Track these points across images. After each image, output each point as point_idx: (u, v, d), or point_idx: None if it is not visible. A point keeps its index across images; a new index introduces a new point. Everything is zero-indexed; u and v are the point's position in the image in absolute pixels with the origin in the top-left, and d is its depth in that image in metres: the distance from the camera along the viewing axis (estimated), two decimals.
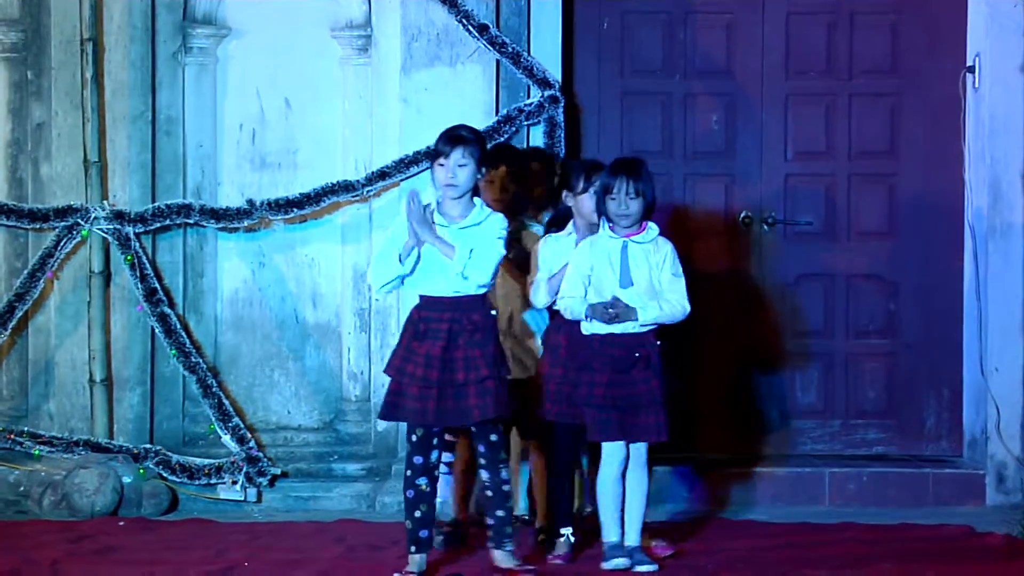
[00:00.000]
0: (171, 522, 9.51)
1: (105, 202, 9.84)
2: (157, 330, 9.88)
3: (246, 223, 9.97)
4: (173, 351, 9.89)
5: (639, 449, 8.13)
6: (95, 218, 9.81)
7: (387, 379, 8.07)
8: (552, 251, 8.43)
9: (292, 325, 10.17)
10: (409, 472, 7.98)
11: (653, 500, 9.07)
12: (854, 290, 10.35)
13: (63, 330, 9.99)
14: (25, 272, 9.87)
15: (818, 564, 8.28)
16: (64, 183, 9.89)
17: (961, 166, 10.30)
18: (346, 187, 9.91)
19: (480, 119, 9.77)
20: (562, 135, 9.99)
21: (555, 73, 10.05)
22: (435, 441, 7.96)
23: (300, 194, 9.95)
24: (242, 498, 9.80)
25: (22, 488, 9.82)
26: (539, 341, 8.67)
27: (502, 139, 9.79)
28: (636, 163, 8.17)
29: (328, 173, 9.97)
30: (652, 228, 8.13)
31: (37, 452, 9.82)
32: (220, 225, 10.00)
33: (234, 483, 9.78)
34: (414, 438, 7.98)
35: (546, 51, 10.11)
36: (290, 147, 10.17)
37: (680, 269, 8.11)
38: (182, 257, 10.08)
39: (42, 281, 9.86)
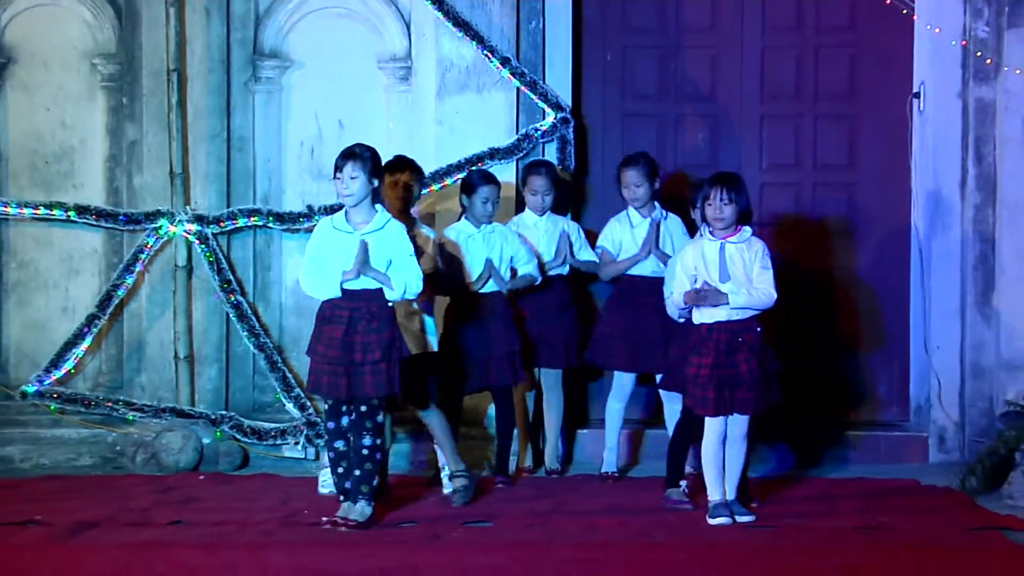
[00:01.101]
0: (243, 476, 9.57)
1: (188, 207, 9.91)
2: (231, 315, 9.96)
3: (306, 224, 9.97)
4: (245, 333, 9.98)
5: (739, 421, 8.12)
6: (179, 221, 9.89)
7: None
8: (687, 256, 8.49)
9: None
10: (327, 436, 8.16)
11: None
12: (818, 281, 10.36)
13: (152, 315, 10.04)
14: (121, 266, 9.94)
15: (794, 514, 8.35)
16: (153, 191, 9.95)
17: (908, 177, 10.28)
18: None
19: (503, 137, 9.88)
20: (572, 150, 10.02)
21: (566, 98, 10.07)
22: (344, 409, 8.05)
23: None
24: (303, 456, 9.84)
25: (118, 448, 9.89)
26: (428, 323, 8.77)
27: (522, 154, 9.86)
28: (731, 176, 8.19)
29: None
30: (746, 230, 8.12)
31: (131, 417, 9.90)
32: (284, 227, 10.06)
33: (296, 443, 9.83)
34: (325, 407, 8.10)
35: (558, 80, 10.12)
36: None
37: (769, 263, 8.08)
38: (252, 254, 10.13)
39: (135, 274, 9.94)
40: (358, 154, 7.97)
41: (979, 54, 9.78)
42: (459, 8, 9.84)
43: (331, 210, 9.88)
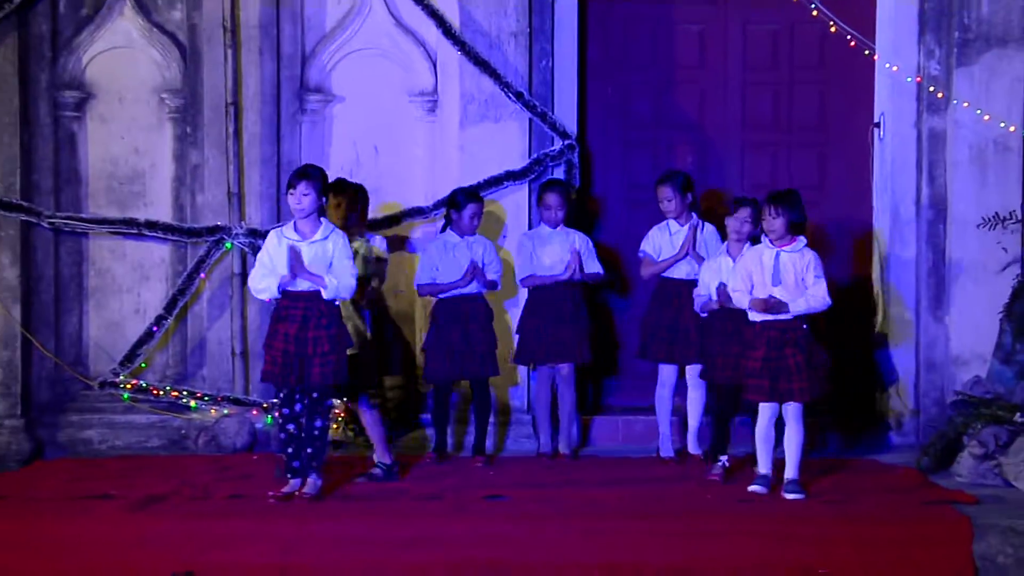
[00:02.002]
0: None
1: (243, 222, 9.90)
2: None
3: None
4: None
5: (793, 408, 8.17)
6: (236, 234, 9.90)
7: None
8: (709, 269, 8.85)
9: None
10: (280, 420, 8.20)
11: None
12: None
13: (212, 316, 10.03)
14: (185, 274, 9.93)
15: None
16: (213, 208, 9.92)
17: (870, 196, 10.28)
18: (418, 211, 9.95)
19: (517, 161, 9.87)
20: (577, 172, 10.00)
21: (572, 127, 10.07)
22: (296, 397, 8.12)
23: (384, 216, 9.97)
24: (343, 439, 9.81)
25: (183, 431, 9.91)
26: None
27: (533, 176, 9.86)
28: (781, 192, 8.29)
29: (405, 201, 10.00)
30: (800, 241, 8.18)
31: (194, 405, 9.90)
32: None
33: (337, 428, 9.73)
34: (281, 395, 8.15)
35: (566, 111, 10.11)
36: (378, 183, 10.04)
37: (822, 273, 8.17)
38: None
39: (197, 280, 9.95)
40: (311, 174, 8.11)
41: (932, 89, 9.79)
42: (479, 49, 9.84)
43: (369, 224, 9.97)
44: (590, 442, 10.01)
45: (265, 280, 8.09)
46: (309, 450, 8.17)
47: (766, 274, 8.16)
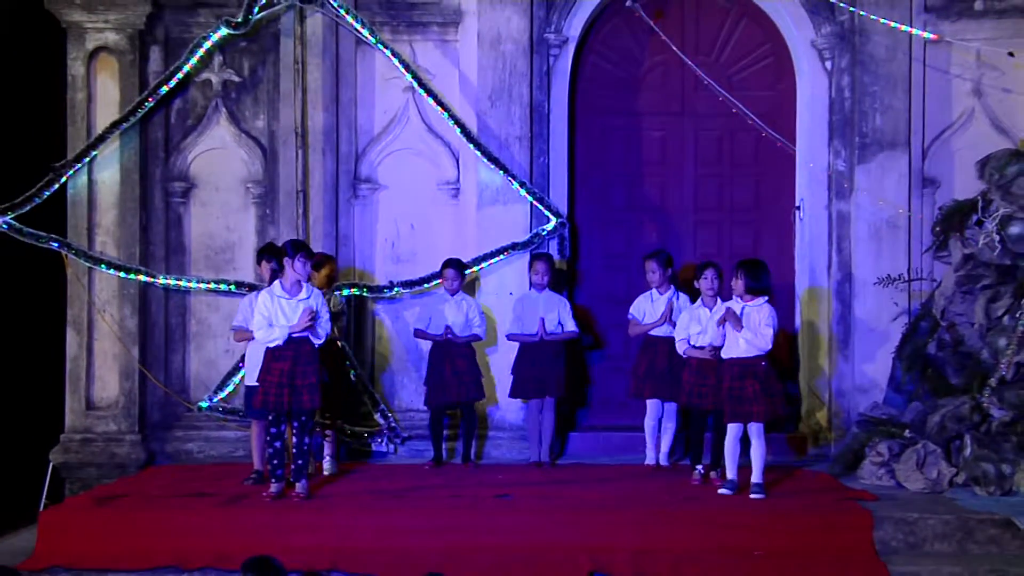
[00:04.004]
0: (345, 463, 9.52)
1: (309, 283, 9.83)
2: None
3: (388, 294, 9.99)
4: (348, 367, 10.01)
5: (754, 427, 8.16)
6: None
7: None
8: (688, 314, 8.81)
9: (414, 351, 10.12)
10: (268, 438, 8.18)
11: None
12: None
13: None
14: None
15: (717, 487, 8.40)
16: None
17: (793, 262, 10.30)
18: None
19: (520, 235, 9.88)
20: (567, 245, 10.04)
21: (564, 209, 10.07)
22: (282, 418, 8.15)
23: (419, 278, 9.98)
24: (386, 451, 9.87)
25: None
26: None
27: (534, 247, 9.81)
28: (746, 260, 8.41)
29: (435, 266, 9.88)
30: (762, 299, 8.22)
31: None
32: (373, 295, 10.04)
33: (381, 442, 9.82)
34: (270, 418, 8.16)
35: (559, 196, 10.12)
36: (414, 252, 10.18)
37: (771, 323, 8.17)
38: (351, 313, 10.04)
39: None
40: (311, 251, 8.33)
41: (839, 181, 9.87)
42: (492, 149, 9.85)
43: (405, 284, 9.95)
44: (576, 452, 9.96)
45: (272, 331, 8.14)
46: (300, 462, 8.16)
47: (734, 321, 8.22)
